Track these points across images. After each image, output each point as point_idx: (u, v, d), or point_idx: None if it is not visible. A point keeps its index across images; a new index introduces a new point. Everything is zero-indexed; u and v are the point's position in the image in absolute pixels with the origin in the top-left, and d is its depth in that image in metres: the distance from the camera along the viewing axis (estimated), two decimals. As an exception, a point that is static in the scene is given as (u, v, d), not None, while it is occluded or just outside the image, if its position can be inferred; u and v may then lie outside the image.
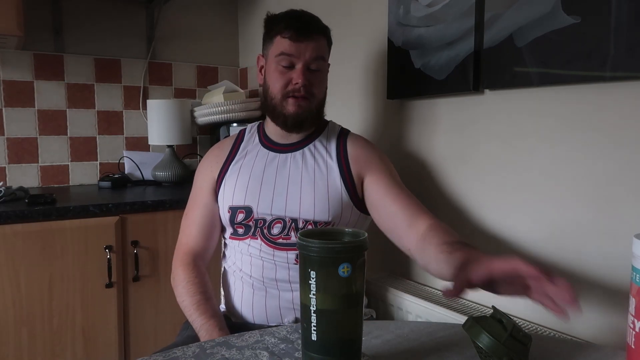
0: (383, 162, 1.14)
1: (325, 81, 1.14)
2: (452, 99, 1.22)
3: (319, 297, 0.61)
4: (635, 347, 0.61)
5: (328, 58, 1.15)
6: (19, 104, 1.91)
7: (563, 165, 0.98)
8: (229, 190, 1.13)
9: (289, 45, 1.07)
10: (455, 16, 1.14)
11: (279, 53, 1.08)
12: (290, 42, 1.06)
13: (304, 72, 1.07)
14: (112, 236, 1.56)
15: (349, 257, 0.61)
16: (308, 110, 1.10)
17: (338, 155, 1.13)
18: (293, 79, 1.07)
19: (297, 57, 1.07)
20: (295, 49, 1.07)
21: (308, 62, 1.08)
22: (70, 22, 1.99)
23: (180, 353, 0.69)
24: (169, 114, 1.98)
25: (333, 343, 0.62)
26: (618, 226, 0.90)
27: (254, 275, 1.09)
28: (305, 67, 1.08)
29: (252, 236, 1.10)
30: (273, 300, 1.08)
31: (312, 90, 1.09)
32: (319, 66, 1.10)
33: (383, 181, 1.10)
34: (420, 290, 1.26)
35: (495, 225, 1.13)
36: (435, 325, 0.82)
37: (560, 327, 1.00)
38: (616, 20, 0.85)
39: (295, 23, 1.07)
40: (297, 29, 1.06)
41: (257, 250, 1.09)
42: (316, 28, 1.09)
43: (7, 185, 1.70)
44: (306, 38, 1.07)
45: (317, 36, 1.09)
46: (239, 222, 1.11)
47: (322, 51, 1.10)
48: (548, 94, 1.00)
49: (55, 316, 1.50)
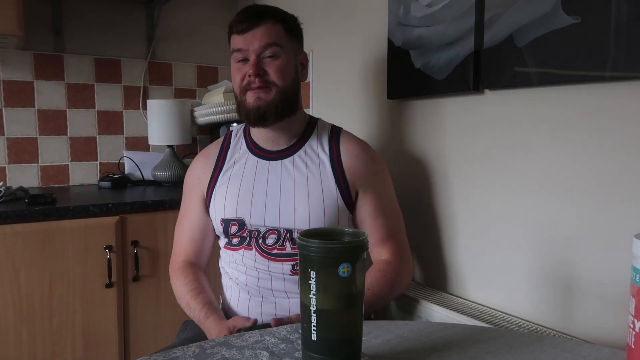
0: (377, 179, 1.12)
1: (289, 70, 1.06)
2: (452, 99, 1.21)
3: (319, 297, 0.61)
4: (635, 347, 0.61)
5: (293, 47, 1.08)
6: (19, 104, 1.91)
7: (563, 165, 0.98)
8: (219, 202, 1.10)
9: (238, 40, 1.03)
10: (455, 16, 1.14)
11: (232, 51, 1.05)
12: (238, 36, 1.03)
13: (256, 62, 1.02)
14: (112, 236, 1.56)
15: (349, 257, 0.61)
16: (269, 101, 1.03)
17: (331, 159, 1.09)
18: (247, 71, 1.03)
19: (247, 49, 1.02)
20: (244, 41, 1.02)
21: (258, 51, 1.02)
22: (70, 22, 1.99)
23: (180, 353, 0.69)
24: (169, 114, 1.98)
25: (333, 343, 0.61)
26: (618, 226, 0.89)
27: (249, 285, 1.09)
28: (258, 57, 1.02)
29: (247, 247, 1.08)
30: (269, 306, 1.07)
31: (269, 79, 1.03)
32: (275, 52, 1.03)
33: (371, 201, 1.09)
34: (420, 290, 1.26)
35: (494, 225, 1.13)
36: (435, 325, 0.82)
37: (561, 328, 1.00)
38: (616, 20, 0.85)
39: (241, 16, 1.03)
40: (241, 20, 1.02)
41: (252, 261, 1.07)
42: (264, 14, 1.03)
43: (7, 185, 1.70)
44: (252, 27, 1.02)
45: (265, 22, 1.03)
46: (233, 234, 1.09)
47: (274, 37, 1.03)
48: (548, 94, 1.00)
49: (55, 316, 1.50)
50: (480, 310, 1.11)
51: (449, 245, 1.24)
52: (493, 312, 1.10)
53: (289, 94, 1.06)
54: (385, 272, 1.05)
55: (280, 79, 1.04)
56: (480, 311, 1.10)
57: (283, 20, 1.06)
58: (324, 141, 1.12)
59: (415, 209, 1.32)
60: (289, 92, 1.06)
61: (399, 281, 1.08)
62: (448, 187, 1.24)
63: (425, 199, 1.30)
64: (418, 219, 1.32)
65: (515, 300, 1.09)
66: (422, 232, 1.31)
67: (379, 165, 1.14)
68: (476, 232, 1.17)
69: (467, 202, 1.19)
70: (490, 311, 1.11)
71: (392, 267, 1.07)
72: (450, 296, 1.22)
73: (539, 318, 1.04)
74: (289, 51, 1.06)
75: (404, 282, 1.11)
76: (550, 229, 1.01)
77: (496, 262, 1.12)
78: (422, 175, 1.31)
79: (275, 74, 1.03)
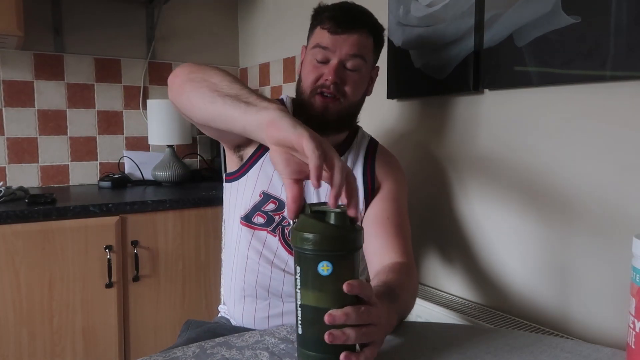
0: (396, 184, 1.05)
1: (363, 85, 1.01)
2: (452, 98, 1.21)
3: (302, 292, 0.58)
4: (635, 347, 0.61)
5: (372, 61, 1.03)
6: (19, 104, 1.91)
7: (563, 165, 0.98)
8: (268, 171, 1.00)
9: (326, 38, 0.96)
10: (455, 16, 1.14)
11: (315, 45, 0.98)
12: (328, 34, 0.96)
13: (337, 68, 0.95)
14: (112, 236, 1.56)
15: (329, 254, 0.56)
16: (336, 112, 0.97)
17: (365, 174, 1.03)
18: (324, 74, 0.96)
19: (332, 51, 0.96)
20: (332, 42, 0.96)
21: (343, 59, 0.96)
22: (70, 22, 1.99)
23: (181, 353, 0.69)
24: (169, 113, 1.98)
25: (315, 339, 0.58)
26: (618, 226, 0.89)
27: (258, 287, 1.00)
28: (340, 64, 0.96)
29: (272, 232, 0.99)
30: (276, 310, 1.01)
31: (344, 90, 0.97)
32: (357, 65, 0.97)
33: (383, 203, 1.02)
34: (420, 290, 1.26)
35: (494, 225, 1.13)
36: (435, 325, 0.82)
37: (561, 328, 1.00)
38: (616, 20, 0.85)
39: (338, 14, 0.96)
40: (337, 20, 0.95)
41: (272, 253, 0.99)
42: (361, 23, 0.96)
43: (7, 185, 1.70)
44: (346, 31, 0.95)
45: (359, 31, 0.96)
46: (264, 212, 0.99)
47: (362, 50, 0.97)
48: (548, 94, 1.00)
49: (55, 316, 1.50)
50: (480, 310, 1.11)
51: (446, 243, 1.24)
52: (493, 312, 1.10)
53: (355, 108, 1.03)
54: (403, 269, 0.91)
55: (353, 93, 0.99)
56: (480, 311, 1.10)
57: (376, 33, 1.01)
58: (360, 154, 1.06)
59: (413, 208, 1.32)
60: (356, 106, 1.03)
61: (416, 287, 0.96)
62: (447, 187, 1.24)
63: (425, 199, 1.30)
64: (414, 218, 1.32)
65: (515, 300, 1.09)
66: (419, 231, 1.31)
67: (400, 176, 1.09)
68: (475, 231, 1.17)
69: (466, 202, 1.19)
70: (490, 311, 1.11)
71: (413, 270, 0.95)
72: (449, 295, 1.22)
73: (539, 318, 1.04)
74: (368, 65, 1.01)
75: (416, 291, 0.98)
76: (550, 229, 1.01)
77: (496, 262, 1.12)
78: (421, 175, 1.31)
79: (350, 87, 0.98)
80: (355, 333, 0.57)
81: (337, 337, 0.56)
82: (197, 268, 1.74)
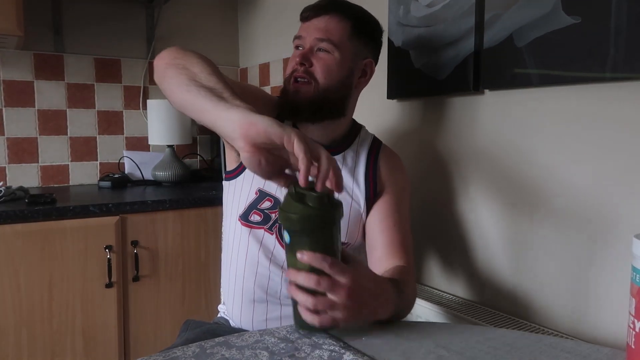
0: (398, 187, 1.04)
1: (339, 70, 0.97)
2: (452, 99, 1.22)
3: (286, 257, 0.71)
4: (635, 347, 0.61)
5: (354, 48, 0.99)
6: (19, 104, 1.91)
7: (563, 165, 0.98)
8: None
9: (300, 27, 0.99)
10: (455, 16, 1.14)
11: (294, 38, 1.00)
12: (301, 23, 0.99)
13: (305, 52, 0.96)
14: (112, 236, 1.56)
15: (287, 224, 0.66)
16: (307, 96, 0.95)
17: (366, 174, 1.02)
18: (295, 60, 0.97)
19: (304, 37, 0.97)
20: (304, 30, 0.97)
21: (313, 44, 0.96)
22: (70, 22, 1.99)
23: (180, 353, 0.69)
24: (169, 113, 1.98)
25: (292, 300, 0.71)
26: (618, 226, 0.90)
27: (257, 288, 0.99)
28: (309, 48, 0.96)
29: (269, 230, 0.98)
30: (274, 313, 1.00)
31: (312, 72, 0.95)
32: (325, 48, 0.95)
33: (386, 207, 1.00)
34: (420, 290, 1.26)
35: (494, 225, 1.13)
36: (435, 325, 0.82)
37: (561, 328, 1.00)
38: (616, 20, 0.85)
39: (311, 4, 0.98)
40: (308, 8, 0.97)
41: (269, 251, 0.98)
42: (331, 7, 0.96)
43: (7, 185, 1.70)
44: (314, 16, 0.96)
45: (330, 15, 0.96)
46: (260, 209, 0.99)
47: (332, 33, 0.95)
48: (548, 94, 1.00)
49: (55, 316, 1.50)
50: (480, 310, 1.11)
51: (447, 243, 1.24)
52: (493, 312, 1.10)
53: (330, 95, 0.97)
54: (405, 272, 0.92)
55: (323, 77, 0.96)
56: (480, 311, 1.10)
57: (354, 18, 0.98)
58: (362, 153, 1.04)
59: (413, 208, 1.32)
60: (332, 93, 0.97)
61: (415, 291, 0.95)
62: (447, 187, 1.24)
63: (424, 199, 1.30)
64: (414, 218, 1.31)
65: (515, 301, 1.09)
66: (418, 231, 1.31)
67: (403, 178, 1.08)
68: (475, 231, 1.17)
69: (465, 202, 1.19)
70: (490, 311, 1.11)
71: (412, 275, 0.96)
72: (449, 295, 1.22)
73: (540, 319, 1.04)
74: (346, 51, 0.97)
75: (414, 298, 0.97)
76: (550, 229, 1.01)
77: (496, 262, 1.12)
78: (421, 175, 1.31)
79: (320, 69, 0.95)
80: (308, 279, 0.65)
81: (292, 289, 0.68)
82: (197, 268, 1.74)
